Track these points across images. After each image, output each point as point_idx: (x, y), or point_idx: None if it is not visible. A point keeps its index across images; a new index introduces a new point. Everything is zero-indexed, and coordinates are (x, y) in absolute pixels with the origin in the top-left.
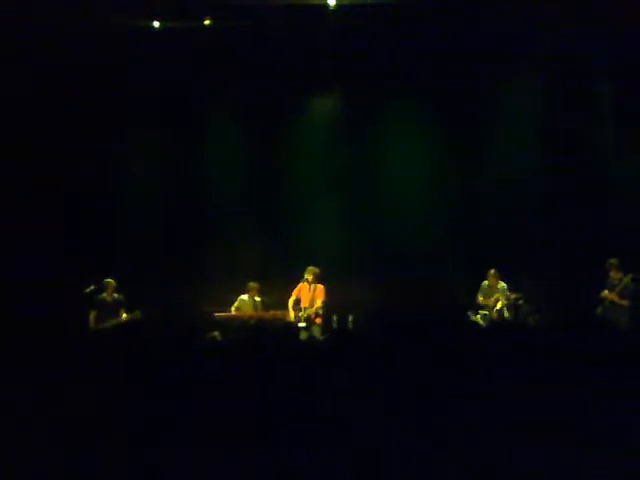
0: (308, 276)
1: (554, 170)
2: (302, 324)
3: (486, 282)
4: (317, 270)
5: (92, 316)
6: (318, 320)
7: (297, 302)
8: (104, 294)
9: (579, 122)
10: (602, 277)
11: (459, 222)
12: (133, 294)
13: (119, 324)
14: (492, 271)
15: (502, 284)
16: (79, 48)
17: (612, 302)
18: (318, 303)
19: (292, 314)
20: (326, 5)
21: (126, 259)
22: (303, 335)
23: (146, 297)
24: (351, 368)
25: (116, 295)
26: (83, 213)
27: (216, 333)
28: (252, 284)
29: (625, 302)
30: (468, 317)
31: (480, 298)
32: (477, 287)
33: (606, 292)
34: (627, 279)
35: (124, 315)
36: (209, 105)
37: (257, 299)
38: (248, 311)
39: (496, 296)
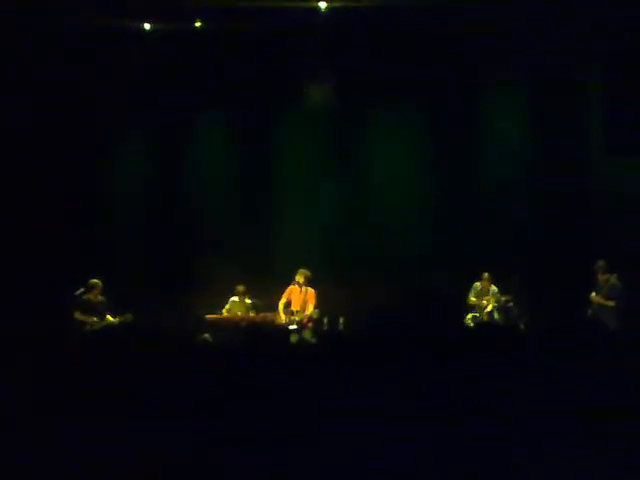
0: (299, 278)
1: (543, 173)
2: (293, 327)
3: (478, 284)
4: (308, 272)
5: (78, 315)
6: (310, 324)
7: (288, 305)
8: (89, 295)
9: (567, 125)
10: (591, 280)
11: (449, 225)
12: (123, 298)
13: (109, 326)
14: (486, 274)
15: (493, 287)
16: (69, 49)
17: (600, 304)
18: (310, 308)
19: (283, 317)
20: (317, 8)
21: (115, 262)
22: (294, 338)
23: (137, 301)
24: (342, 369)
25: (100, 297)
26: (71, 216)
27: (207, 335)
28: (239, 287)
29: (611, 303)
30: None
31: (471, 299)
32: (467, 289)
33: (593, 294)
34: (613, 278)
35: (110, 318)
36: (197, 107)
37: (248, 301)
38: (239, 313)
39: (486, 298)
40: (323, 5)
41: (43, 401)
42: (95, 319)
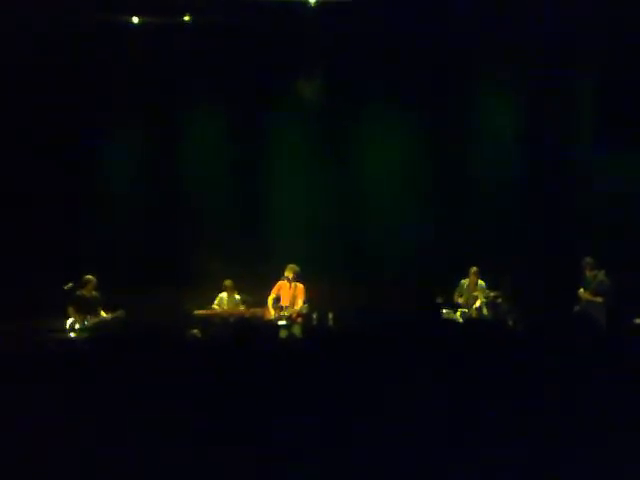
0: (288, 274)
1: (536, 170)
2: (282, 322)
3: (466, 280)
4: (297, 268)
5: (71, 312)
6: (299, 319)
7: (277, 300)
8: (83, 290)
9: (561, 122)
10: (580, 276)
11: (440, 221)
12: (114, 294)
13: (102, 322)
14: (474, 269)
15: (481, 282)
16: (57, 44)
17: (588, 300)
18: (299, 303)
19: (272, 312)
20: (307, 2)
21: (108, 259)
22: (283, 333)
23: (126, 297)
24: (330, 364)
25: (94, 292)
26: (63, 213)
27: (196, 331)
28: (227, 282)
29: (600, 299)
30: (442, 315)
31: (459, 296)
32: (456, 285)
33: (581, 291)
34: (601, 274)
35: (103, 313)
36: (188, 102)
37: (237, 297)
38: (228, 308)
39: (475, 294)
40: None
41: (39, 401)
42: (88, 316)
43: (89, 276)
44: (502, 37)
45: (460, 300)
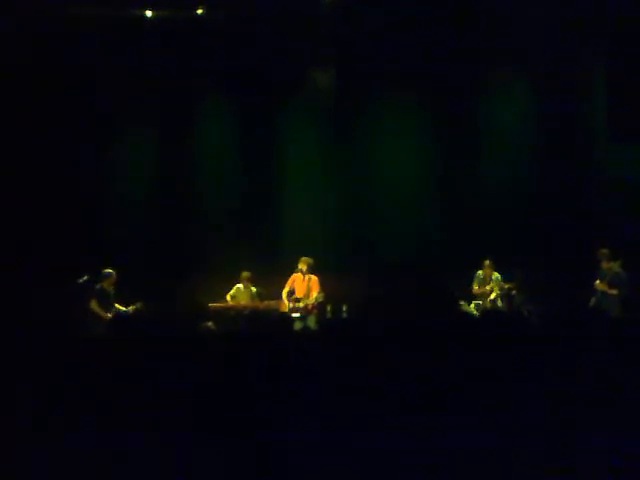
0: (302, 266)
1: (547, 159)
2: (296, 314)
3: (481, 272)
4: (311, 260)
5: (94, 305)
6: (314, 311)
7: (291, 293)
8: (103, 284)
9: (572, 115)
10: (595, 268)
11: (452, 212)
12: (128, 287)
13: (123, 315)
14: (487, 261)
15: (496, 274)
16: (69, 38)
17: (603, 292)
18: (314, 294)
19: (287, 304)
20: None
21: (119, 253)
22: (298, 325)
23: (140, 290)
24: (344, 357)
25: (111, 287)
26: (77, 207)
27: (210, 323)
28: (245, 273)
29: (615, 291)
30: (460, 307)
31: (475, 287)
32: (470, 278)
33: (597, 282)
34: (616, 266)
35: (119, 307)
36: (198, 96)
37: (253, 289)
38: (244, 300)
39: (490, 286)
40: None
41: (48, 395)
42: (109, 311)
43: (109, 270)
44: (511, 35)
45: (476, 291)
